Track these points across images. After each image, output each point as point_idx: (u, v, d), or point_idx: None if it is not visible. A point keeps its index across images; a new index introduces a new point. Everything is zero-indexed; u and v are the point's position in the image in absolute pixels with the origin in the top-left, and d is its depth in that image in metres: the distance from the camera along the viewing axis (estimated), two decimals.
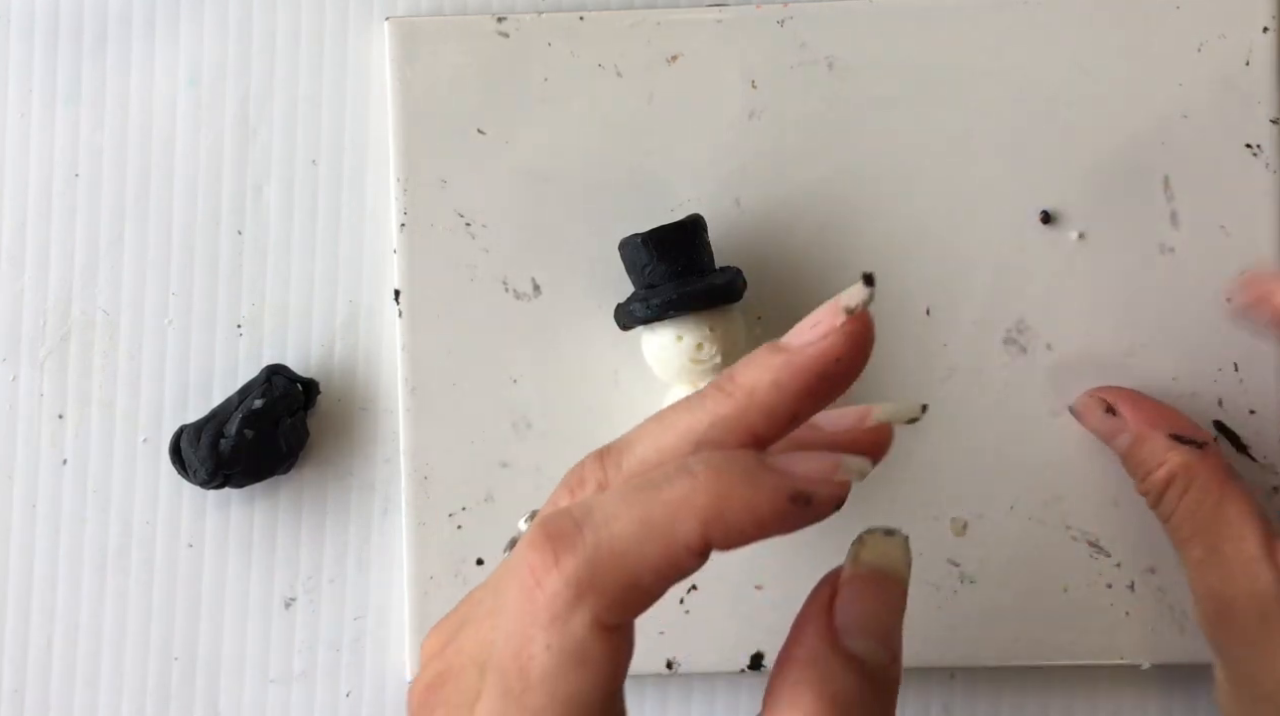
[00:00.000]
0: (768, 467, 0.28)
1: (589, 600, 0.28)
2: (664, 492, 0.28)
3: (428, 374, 0.45)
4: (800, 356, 0.29)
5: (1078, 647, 0.44)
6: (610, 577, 0.28)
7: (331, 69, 0.46)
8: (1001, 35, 0.45)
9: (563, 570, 0.28)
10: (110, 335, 0.46)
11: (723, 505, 0.27)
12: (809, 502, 0.28)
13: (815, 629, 0.29)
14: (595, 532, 0.28)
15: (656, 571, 0.28)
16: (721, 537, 0.28)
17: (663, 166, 0.45)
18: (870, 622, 0.29)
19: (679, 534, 0.27)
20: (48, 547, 0.46)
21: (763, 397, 0.29)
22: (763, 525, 0.28)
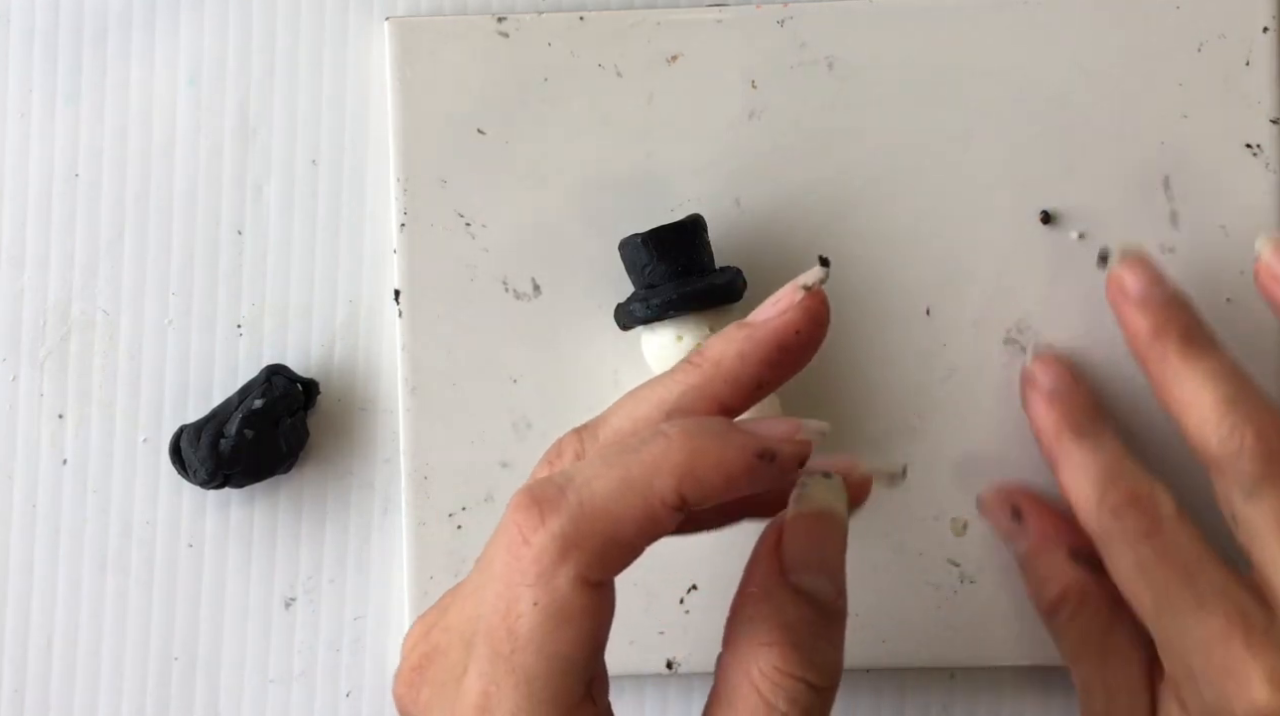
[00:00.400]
0: (737, 428, 0.30)
1: (574, 556, 0.29)
2: (641, 453, 0.30)
3: (428, 374, 0.45)
4: (762, 329, 0.33)
5: None
6: (594, 534, 0.30)
7: (331, 69, 0.46)
8: (1002, 35, 0.45)
9: (549, 528, 0.30)
10: (110, 335, 0.46)
11: (696, 462, 0.30)
12: (774, 459, 0.30)
13: (765, 567, 0.32)
14: (578, 492, 0.30)
15: (637, 526, 0.30)
16: (695, 492, 0.30)
17: (663, 166, 0.45)
18: (814, 558, 0.32)
19: (656, 490, 0.29)
20: (48, 547, 0.46)
21: (728, 367, 0.32)
22: (732, 480, 0.30)
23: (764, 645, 0.31)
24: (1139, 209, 0.44)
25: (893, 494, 0.45)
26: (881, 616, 0.44)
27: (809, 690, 0.31)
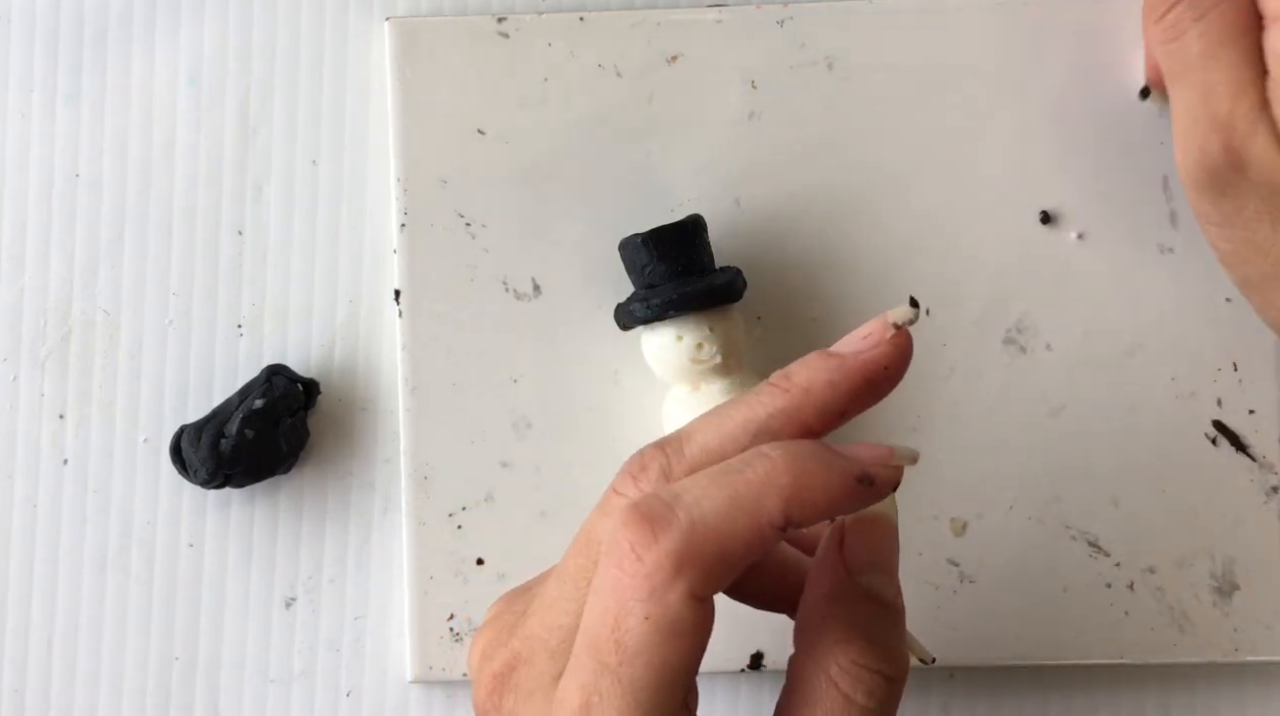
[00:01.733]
0: (837, 453, 0.31)
1: (686, 573, 0.30)
2: (747, 474, 0.31)
3: (428, 374, 0.45)
4: (854, 361, 0.33)
5: (1077, 647, 0.44)
6: (705, 552, 0.30)
7: (331, 69, 0.46)
8: (1001, 35, 0.45)
9: (662, 545, 0.30)
10: (111, 335, 0.46)
11: (801, 484, 0.31)
12: (872, 483, 0.31)
13: (832, 570, 0.33)
14: (688, 511, 0.31)
15: (746, 545, 0.31)
16: (800, 513, 0.31)
17: (663, 166, 0.45)
18: (876, 559, 0.33)
19: (764, 510, 0.30)
20: (48, 547, 0.46)
21: (818, 395, 0.33)
22: (835, 503, 0.31)
23: (840, 642, 0.32)
24: (1139, 209, 0.44)
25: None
26: None
27: (885, 682, 0.32)
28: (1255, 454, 0.44)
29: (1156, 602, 0.44)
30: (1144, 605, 0.44)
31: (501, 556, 0.45)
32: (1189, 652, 0.44)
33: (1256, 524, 0.44)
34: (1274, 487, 0.44)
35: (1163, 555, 0.44)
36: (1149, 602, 0.44)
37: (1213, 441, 0.44)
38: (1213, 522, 0.44)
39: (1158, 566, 0.44)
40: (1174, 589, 0.44)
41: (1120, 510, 0.44)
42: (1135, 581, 0.44)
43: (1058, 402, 0.44)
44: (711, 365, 0.42)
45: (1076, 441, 0.44)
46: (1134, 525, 0.44)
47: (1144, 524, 0.44)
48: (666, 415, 0.43)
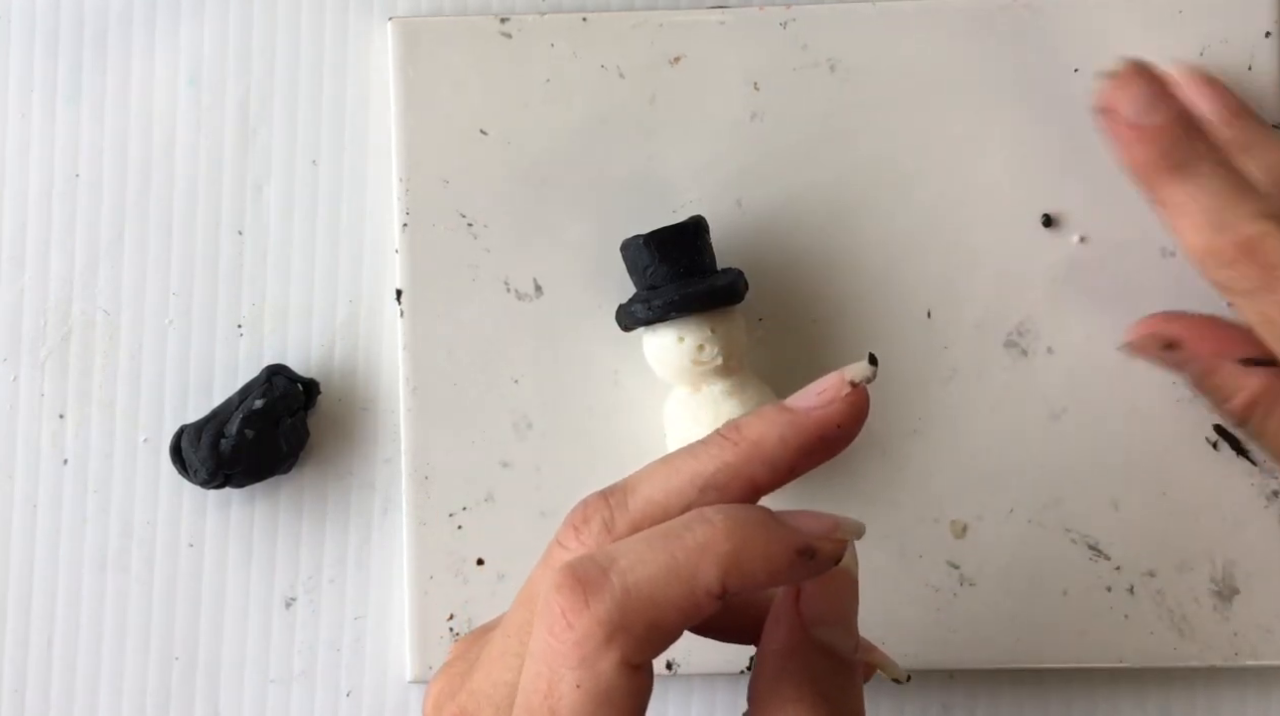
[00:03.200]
0: (780, 522, 0.30)
1: (618, 641, 0.29)
2: (686, 539, 0.30)
3: (429, 374, 0.45)
4: (806, 417, 0.32)
5: (1077, 650, 0.44)
6: (637, 619, 0.29)
7: (331, 69, 0.46)
8: (1003, 38, 0.45)
9: (593, 612, 0.29)
10: (111, 335, 0.46)
11: (741, 553, 0.30)
12: (813, 556, 0.30)
13: (788, 623, 0.32)
14: (622, 577, 0.30)
15: (680, 612, 0.30)
16: (737, 583, 0.30)
17: (665, 167, 0.45)
18: (833, 613, 0.32)
19: (701, 578, 0.29)
20: (48, 547, 0.46)
21: (768, 450, 0.32)
22: (774, 574, 0.30)
23: (793, 701, 0.31)
24: (1140, 213, 0.44)
25: (893, 496, 0.45)
26: (881, 618, 0.44)
27: None
28: (1256, 458, 0.44)
29: (1156, 606, 0.44)
30: (1144, 609, 0.44)
31: (501, 556, 0.45)
32: (1189, 657, 0.44)
33: (1257, 528, 0.44)
34: (1274, 492, 0.44)
35: (1163, 559, 0.44)
36: (1149, 606, 0.44)
37: (1213, 445, 0.44)
38: (1213, 527, 0.44)
39: (1158, 570, 0.44)
40: (1174, 593, 0.44)
41: (1120, 513, 0.44)
42: (1135, 585, 0.44)
43: (1059, 406, 0.45)
44: (713, 366, 0.42)
45: (1077, 444, 0.44)
46: (1134, 529, 0.44)
47: (1144, 527, 0.44)
48: (667, 416, 0.43)
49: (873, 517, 0.45)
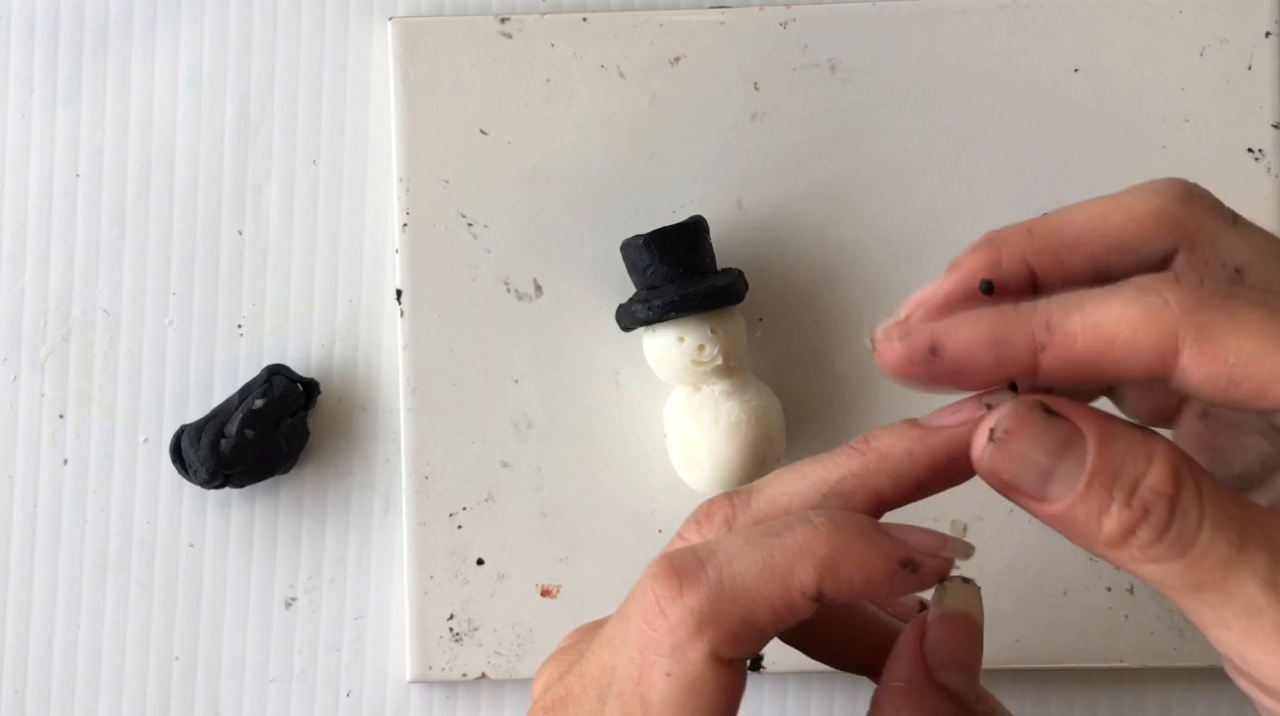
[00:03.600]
0: (884, 531, 0.30)
1: (708, 632, 0.29)
2: (785, 538, 0.30)
3: (429, 374, 0.45)
4: (938, 434, 0.31)
5: (1077, 651, 0.44)
6: (729, 612, 0.29)
7: (331, 69, 0.46)
8: (1003, 37, 0.45)
9: (686, 602, 0.29)
10: (111, 335, 0.46)
11: (839, 557, 0.29)
12: (916, 570, 0.30)
13: (911, 663, 0.32)
14: (718, 569, 0.30)
15: (773, 611, 0.29)
16: (834, 587, 0.29)
17: (665, 167, 0.45)
18: (957, 658, 0.32)
19: (796, 578, 0.29)
20: (48, 547, 0.46)
21: (895, 463, 0.31)
22: (872, 583, 0.29)
23: None
24: None
25: None
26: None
27: None
28: None
29: (1156, 606, 0.44)
30: (1144, 609, 0.44)
31: (501, 556, 0.45)
32: (1188, 656, 0.44)
33: None
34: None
35: None
36: (1149, 606, 0.44)
37: None
38: None
39: None
40: None
41: None
42: (1135, 585, 0.44)
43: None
44: (713, 367, 0.42)
45: None
46: None
47: None
48: (667, 416, 0.43)
49: None
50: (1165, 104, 0.44)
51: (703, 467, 0.42)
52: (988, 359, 0.29)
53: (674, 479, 0.44)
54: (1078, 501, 0.28)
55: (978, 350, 0.29)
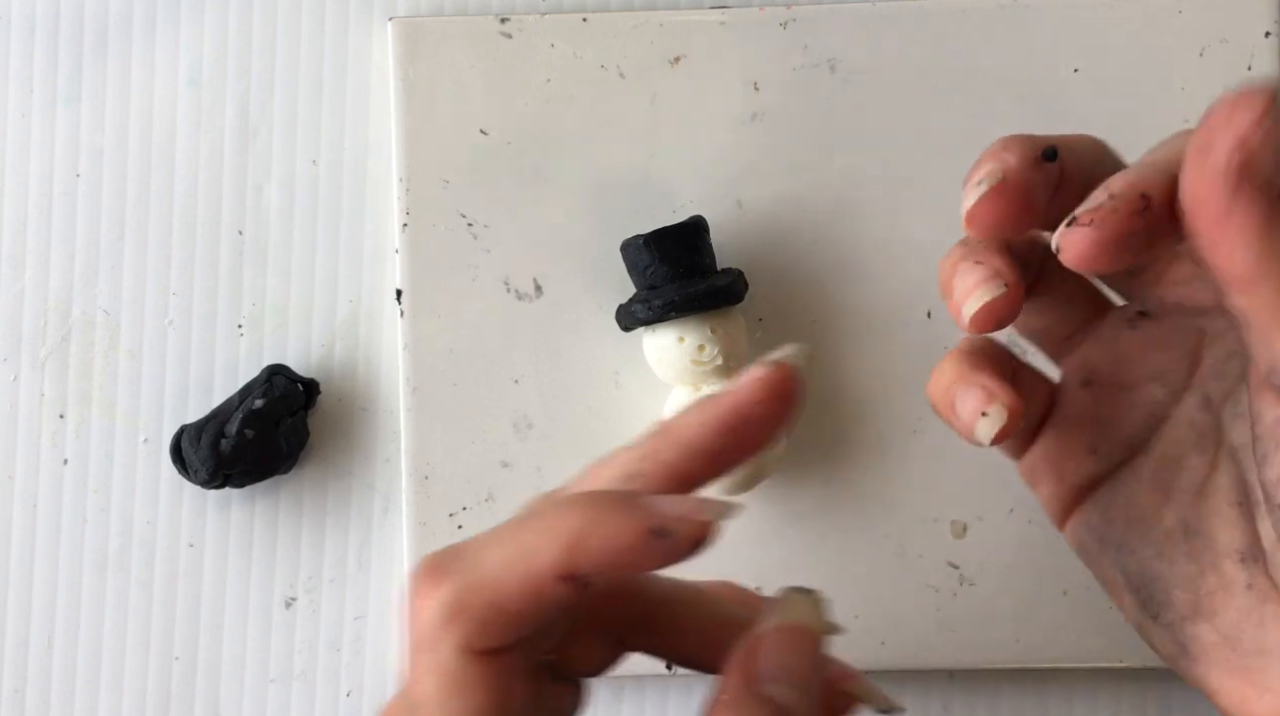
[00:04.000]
0: (635, 503, 0.29)
1: (456, 624, 0.29)
2: (534, 522, 0.29)
3: (429, 374, 0.45)
4: (724, 397, 0.31)
5: (1077, 650, 0.44)
6: (476, 601, 0.29)
7: (332, 69, 0.46)
8: (1003, 37, 0.45)
9: (437, 596, 0.29)
10: (111, 335, 0.46)
11: (585, 534, 0.29)
12: (666, 536, 0.29)
13: (736, 676, 0.31)
14: (468, 560, 0.29)
15: (521, 596, 0.29)
16: (584, 564, 0.29)
17: (665, 168, 0.45)
18: (785, 670, 0.31)
19: (541, 559, 0.29)
20: (48, 547, 0.46)
21: (686, 434, 0.31)
22: (622, 555, 0.29)
23: None
24: None
25: (893, 496, 0.45)
26: (881, 618, 0.45)
27: None
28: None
29: None
30: None
31: None
32: None
33: None
34: None
35: None
36: None
37: None
38: None
39: None
40: None
41: None
42: None
43: None
44: (713, 367, 0.42)
45: None
46: None
47: None
48: (667, 416, 0.43)
49: (873, 517, 0.45)
50: (1165, 104, 0.44)
51: None
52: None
53: None
54: None
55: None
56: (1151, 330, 0.33)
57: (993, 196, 0.31)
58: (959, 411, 0.32)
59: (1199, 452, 0.32)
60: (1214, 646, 0.31)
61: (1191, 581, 0.31)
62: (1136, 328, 0.33)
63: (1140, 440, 0.33)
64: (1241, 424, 0.31)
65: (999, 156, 0.31)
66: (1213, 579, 0.31)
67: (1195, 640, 0.31)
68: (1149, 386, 0.32)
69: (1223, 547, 0.31)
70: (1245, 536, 0.31)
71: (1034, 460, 0.34)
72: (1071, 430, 0.33)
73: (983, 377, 0.32)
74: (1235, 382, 0.32)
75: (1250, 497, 0.31)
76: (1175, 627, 0.32)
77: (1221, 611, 0.31)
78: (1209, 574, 0.31)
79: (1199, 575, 0.31)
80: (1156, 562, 0.32)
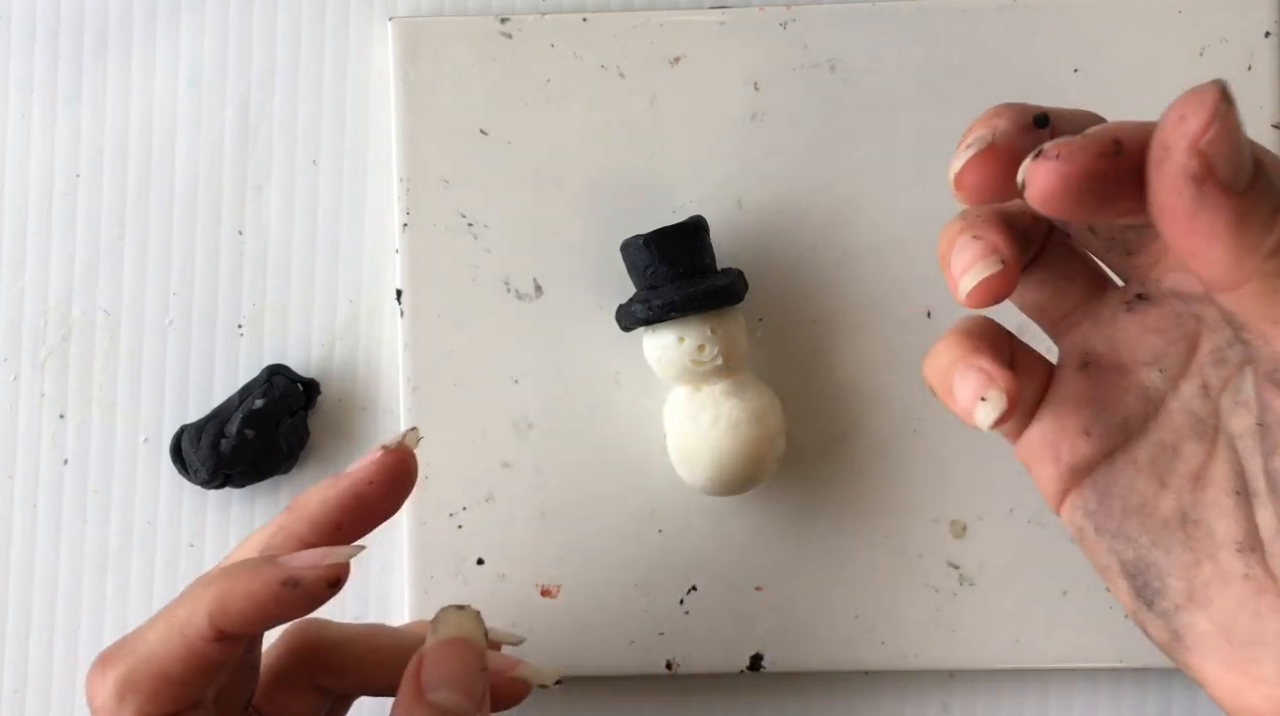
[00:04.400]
0: (270, 563, 0.34)
1: (130, 699, 0.34)
2: (184, 599, 0.34)
3: (429, 373, 0.45)
4: (344, 478, 0.36)
5: (1077, 650, 0.44)
6: (143, 674, 0.34)
7: (332, 69, 0.46)
8: (1003, 37, 0.45)
9: (107, 680, 0.34)
10: (111, 335, 0.46)
11: (226, 597, 0.33)
12: (298, 585, 0.33)
13: (407, 689, 0.35)
14: (133, 644, 0.34)
15: (183, 662, 0.34)
16: (228, 623, 0.33)
17: (665, 168, 0.45)
18: (449, 678, 0.35)
19: (192, 628, 0.33)
20: (49, 547, 0.46)
21: (311, 511, 0.36)
22: (263, 608, 0.33)
23: None
24: None
25: (893, 496, 0.45)
26: (881, 618, 0.45)
27: None
28: None
29: None
30: None
31: (501, 556, 0.45)
32: None
33: None
34: None
35: None
36: None
37: None
38: None
39: None
40: None
41: None
42: None
43: None
44: (713, 367, 0.42)
45: None
46: None
47: None
48: (667, 416, 0.43)
49: (873, 517, 0.45)
50: (1165, 104, 0.44)
51: (703, 467, 0.42)
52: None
53: (674, 479, 0.44)
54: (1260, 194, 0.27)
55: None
56: (1149, 314, 0.33)
57: (980, 160, 0.31)
58: (957, 394, 0.32)
59: (1196, 440, 0.32)
60: (1208, 636, 0.31)
61: (1187, 570, 0.31)
62: (1134, 310, 0.33)
63: (1136, 425, 0.33)
64: (1242, 412, 0.31)
65: (990, 122, 0.31)
66: (1208, 568, 0.31)
67: (1189, 629, 0.31)
68: (1145, 370, 0.32)
69: (1220, 537, 0.31)
70: (1243, 526, 0.31)
71: (1030, 441, 0.34)
72: (1067, 412, 0.33)
73: (981, 360, 0.32)
74: (1235, 370, 0.32)
75: (1248, 487, 0.31)
76: (1170, 616, 0.32)
77: (1217, 601, 0.31)
78: (1205, 563, 0.31)
79: (1195, 564, 0.31)
80: (1152, 550, 0.32)
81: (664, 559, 0.45)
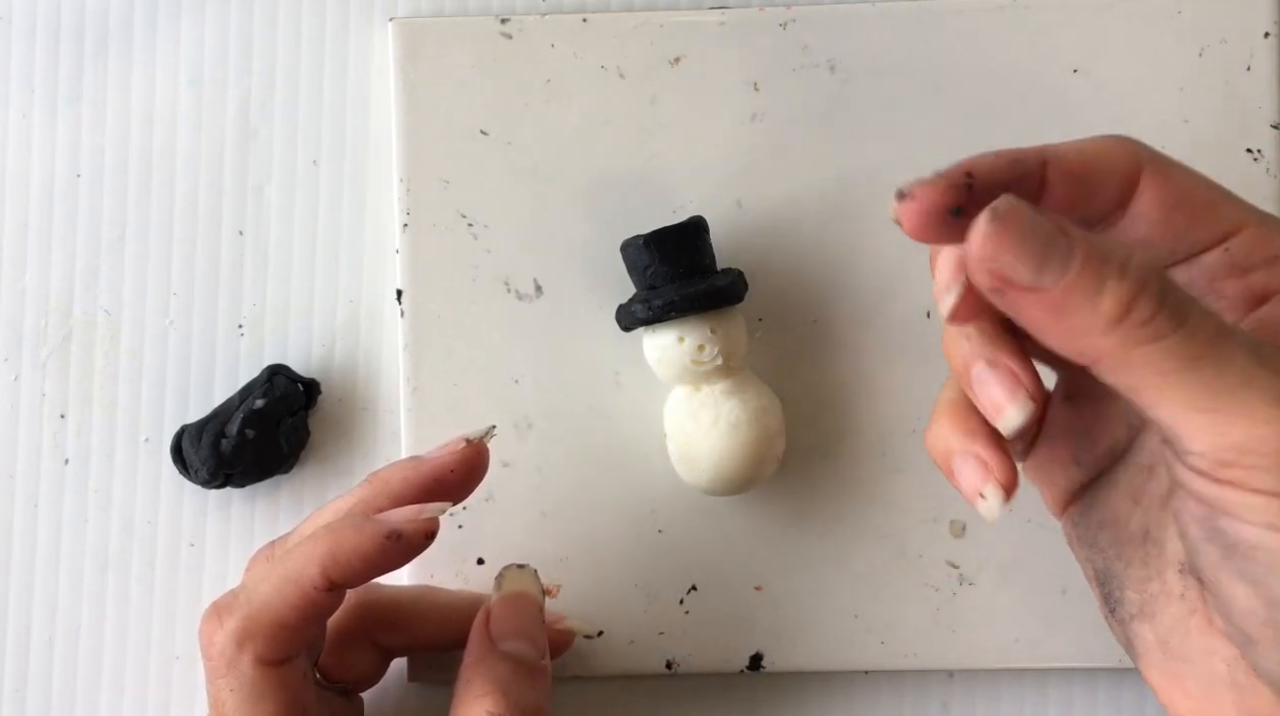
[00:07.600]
0: (370, 519, 0.37)
1: (249, 645, 0.37)
2: (295, 552, 0.37)
3: (429, 374, 0.45)
4: (426, 464, 0.39)
5: (1076, 650, 0.44)
6: (262, 623, 0.37)
7: (332, 69, 0.46)
8: (1003, 38, 0.45)
9: (226, 629, 0.37)
10: (112, 335, 0.46)
11: (335, 550, 0.36)
12: (400, 537, 0.37)
13: (478, 639, 0.39)
14: (248, 594, 0.37)
15: (298, 610, 0.37)
16: (340, 574, 0.37)
17: (665, 168, 0.45)
18: (515, 628, 0.39)
19: (305, 578, 0.37)
20: (49, 547, 0.46)
21: (394, 487, 0.39)
22: (369, 559, 0.36)
23: (478, 696, 0.38)
24: None
25: (892, 496, 0.45)
26: (880, 618, 0.45)
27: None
28: None
29: None
30: None
31: (501, 556, 0.45)
32: None
33: None
34: None
35: None
36: None
37: None
38: None
39: None
40: None
41: None
42: None
43: None
44: (713, 367, 0.42)
45: None
46: None
47: None
48: (667, 416, 0.43)
49: (872, 517, 0.45)
50: (1165, 104, 0.44)
51: (703, 467, 0.42)
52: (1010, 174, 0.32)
53: (674, 479, 0.44)
54: (1075, 281, 0.29)
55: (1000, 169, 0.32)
56: None
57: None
58: (959, 484, 0.34)
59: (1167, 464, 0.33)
60: (1152, 646, 0.33)
61: (1142, 584, 0.33)
62: None
63: (1121, 449, 0.34)
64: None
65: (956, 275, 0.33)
66: (1157, 584, 0.33)
67: (1139, 638, 0.33)
68: (1122, 400, 0.33)
69: (1169, 556, 0.33)
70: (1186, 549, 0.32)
71: (1031, 466, 0.36)
72: (1058, 442, 0.35)
73: (977, 446, 0.34)
74: None
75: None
76: (1126, 624, 0.34)
77: (1160, 615, 0.33)
78: (1154, 579, 0.33)
79: (1148, 579, 0.33)
80: (1116, 562, 0.34)
81: (664, 559, 0.45)
